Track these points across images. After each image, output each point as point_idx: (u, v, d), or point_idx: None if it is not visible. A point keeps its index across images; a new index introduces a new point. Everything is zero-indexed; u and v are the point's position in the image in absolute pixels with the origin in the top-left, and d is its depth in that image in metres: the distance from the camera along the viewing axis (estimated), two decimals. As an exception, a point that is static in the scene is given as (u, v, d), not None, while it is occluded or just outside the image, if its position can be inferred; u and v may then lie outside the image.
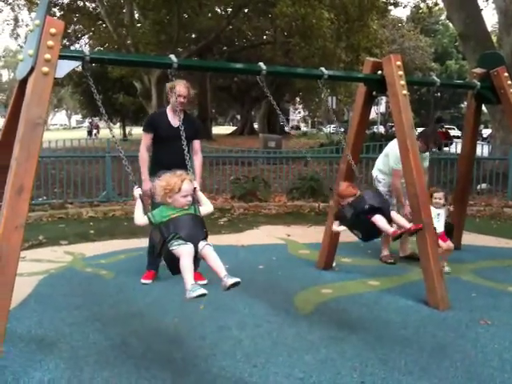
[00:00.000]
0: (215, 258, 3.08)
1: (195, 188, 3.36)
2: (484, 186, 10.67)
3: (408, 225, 3.95)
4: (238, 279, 3.00)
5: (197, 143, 5.04)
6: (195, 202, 3.32)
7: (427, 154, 5.99)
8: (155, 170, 4.67)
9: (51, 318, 4.11)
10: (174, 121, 4.84)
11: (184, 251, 3.00)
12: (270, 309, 4.40)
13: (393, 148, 5.57)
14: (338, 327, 4.02)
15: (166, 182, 3.19)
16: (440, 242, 5.18)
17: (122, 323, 4.05)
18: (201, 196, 3.43)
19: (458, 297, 4.66)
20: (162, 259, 4.67)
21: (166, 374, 3.24)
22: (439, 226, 5.22)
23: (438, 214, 5.25)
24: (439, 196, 5.37)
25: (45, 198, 9.16)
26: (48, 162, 9.68)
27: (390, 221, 3.95)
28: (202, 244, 3.09)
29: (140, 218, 3.25)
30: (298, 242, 6.96)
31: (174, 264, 3.07)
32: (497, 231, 7.82)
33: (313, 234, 7.14)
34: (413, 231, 4.05)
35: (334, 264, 5.66)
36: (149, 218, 3.20)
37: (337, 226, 4.12)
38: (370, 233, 4.02)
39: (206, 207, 3.39)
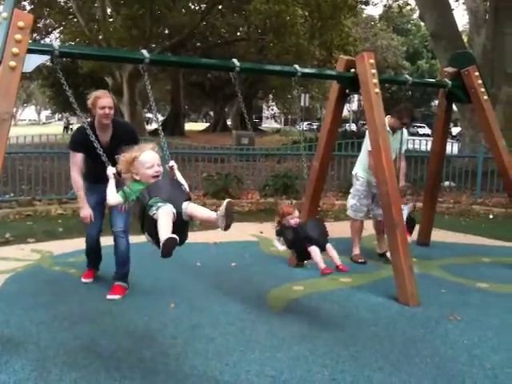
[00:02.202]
0: (202, 209, 2.97)
1: (172, 166, 3.32)
2: (447, 183, 10.83)
3: (338, 262, 4.03)
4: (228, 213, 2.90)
5: None
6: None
7: (405, 134, 5.97)
8: (89, 182, 4.60)
9: (18, 318, 4.01)
10: (103, 138, 4.40)
11: (162, 212, 2.84)
12: (243, 306, 4.38)
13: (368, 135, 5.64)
14: (310, 324, 4.03)
15: (124, 156, 3.10)
16: None
17: (91, 322, 3.97)
18: (178, 175, 3.34)
19: (427, 293, 4.71)
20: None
21: (136, 374, 3.19)
22: None
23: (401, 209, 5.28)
24: (405, 190, 5.45)
25: (12, 194, 8.95)
26: (16, 158, 9.48)
27: (324, 250, 4.06)
28: (185, 204, 2.94)
29: (113, 198, 3.13)
30: (271, 239, 6.94)
31: (154, 232, 2.90)
32: (465, 228, 7.95)
33: (285, 231, 7.13)
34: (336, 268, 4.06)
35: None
36: (122, 195, 3.07)
37: (279, 245, 4.20)
38: (304, 257, 4.18)
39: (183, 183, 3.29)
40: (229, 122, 46.00)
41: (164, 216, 2.83)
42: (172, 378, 3.16)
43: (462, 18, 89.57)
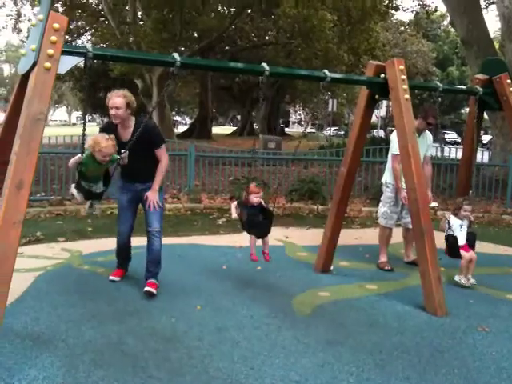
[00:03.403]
0: None
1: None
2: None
3: (266, 250, 4.88)
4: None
5: (158, 152, 4.65)
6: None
7: (430, 139, 5.92)
8: (122, 180, 4.86)
9: (48, 315, 4.09)
10: (124, 135, 4.55)
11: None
12: (268, 310, 4.38)
13: (393, 138, 5.59)
14: (335, 331, 4.01)
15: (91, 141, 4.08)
16: (463, 252, 5.15)
17: (119, 321, 4.03)
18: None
19: (455, 303, 4.65)
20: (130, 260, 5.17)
21: (162, 374, 3.22)
22: (461, 236, 5.18)
23: (461, 225, 5.20)
24: (469, 209, 5.26)
25: (43, 194, 9.12)
26: (47, 158, 9.64)
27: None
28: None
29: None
30: (296, 244, 6.95)
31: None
32: (495, 238, 7.80)
33: (311, 237, 7.12)
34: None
35: (331, 267, 5.65)
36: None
37: (234, 212, 4.72)
38: (245, 228, 4.76)
39: None
40: (256, 126, 46.07)
41: None
42: (198, 380, 3.18)
43: (493, 23, 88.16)
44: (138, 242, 5.24)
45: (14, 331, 3.73)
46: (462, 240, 5.18)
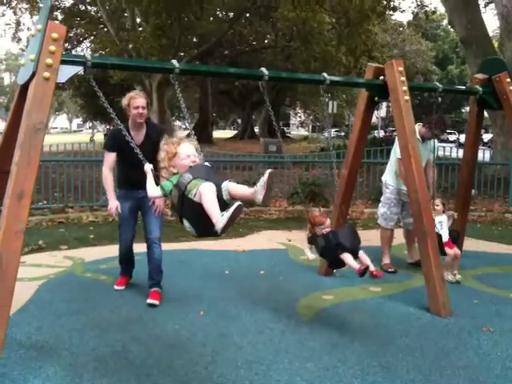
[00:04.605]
0: (242, 186, 2.95)
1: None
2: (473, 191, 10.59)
3: (372, 268, 3.90)
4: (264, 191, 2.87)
5: None
6: None
7: (435, 143, 5.94)
8: (123, 189, 4.82)
9: (51, 324, 4.08)
10: (137, 138, 4.54)
11: (205, 188, 2.82)
12: (271, 315, 4.37)
13: (397, 142, 5.58)
14: (340, 334, 4.00)
15: (164, 151, 3.21)
16: (447, 249, 5.14)
17: (122, 329, 4.02)
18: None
19: (459, 303, 4.63)
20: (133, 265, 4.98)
21: (167, 381, 3.21)
22: (444, 233, 5.18)
23: (440, 222, 5.20)
24: (436, 202, 5.29)
25: (45, 202, 9.12)
26: (48, 166, 9.66)
27: (357, 257, 3.98)
28: (225, 183, 2.93)
29: (153, 190, 3.23)
30: (299, 247, 6.93)
31: (199, 219, 2.89)
32: (498, 237, 7.79)
33: (314, 239, 7.10)
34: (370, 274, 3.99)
35: (334, 270, 5.63)
36: (162, 188, 3.16)
37: (310, 253, 4.17)
38: (337, 265, 4.11)
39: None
40: (256, 130, 46.09)
41: (207, 191, 2.80)
42: (202, 386, 3.18)
43: (492, 22, 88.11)
44: (138, 248, 5.23)
45: (18, 341, 3.73)
46: (445, 237, 5.17)
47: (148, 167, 3.31)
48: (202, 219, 2.86)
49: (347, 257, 3.90)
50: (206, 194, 2.83)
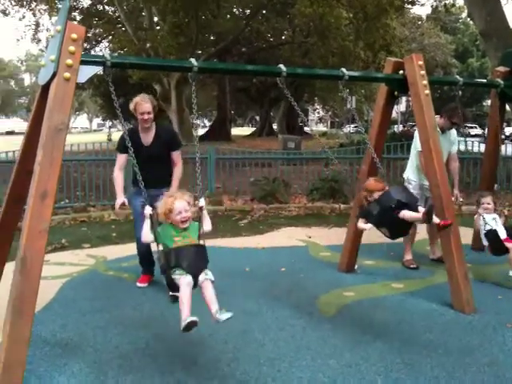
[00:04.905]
0: (211, 294, 3.18)
1: (201, 207, 3.42)
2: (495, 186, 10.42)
3: (437, 220, 3.81)
4: (229, 315, 3.12)
5: (175, 155, 4.93)
6: (200, 220, 3.42)
7: (454, 135, 5.85)
8: (136, 186, 4.84)
9: (75, 322, 4.14)
10: (145, 139, 4.82)
11: (183, 283, 3.12)
12: (292, 312, 4.37)
13: (416, 135, 5.54)
14: (362, 331, 3.98)
15: (161, 205, 3.36)
16: (508, 244, 4.90)
17: (145, 326, 4.05)
18: (204, 214, 3.45)
19: (483, 300, 4.57)
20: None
21: (190, 379, 3.23)
22: (500, 229, 4.96)
23: (494, 219, 5.02)
24: (487, 201, 5.08)
25: (67, 201, 9.25)
26: (70, 166, 9.77)
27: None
28: (202, 276, 3.20)
29: (147, 236, 3.37)
30: (319, 243, 6.92)
31: (174, 287, 3.21)
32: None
33: (334, 236, 7.08)
34: (441, 227, 3.91)
35: (356, 266, 5.61)
36: (155, 237, 3.33)
37: (363, 224, 3.93)
38: (397, 230, 3.88)
39: (205, 226, 3.45)
40: (274, 126, 46.03)
41: (184, 288, 3.11)
42: (225, 383, 3.18)
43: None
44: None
45: (43, 338, 3.79)
46: (502, 233, 4.95)
47: (148, 211, 3.38)
48: (177, 289, 3.19)
49: (406, 212, 3.68)
50: (182, 288, 3.11)
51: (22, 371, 2.99)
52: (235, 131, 46.42)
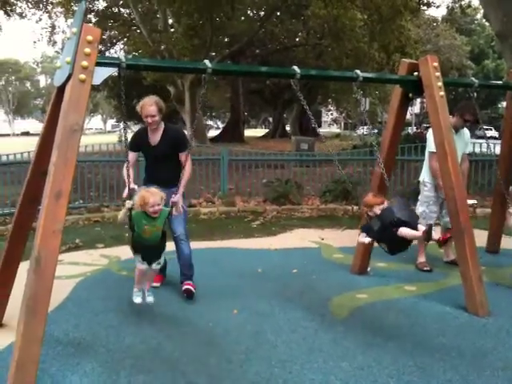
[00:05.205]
0: (151, 276, 4.29)
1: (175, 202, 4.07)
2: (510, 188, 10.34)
3: (436, 236, 3.79)
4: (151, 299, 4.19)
5: (183, 156, 4.83)
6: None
7: (468, 136, 5.81)
8: (146, 184, 4.97)
9: (88, 321, 4.17)
10: (153, 139, 4.86)
11: (138, 268, 4.01)
12: (305, 313, 4.36)
13: (429, 137, 5.49)
14: (374, 333, 3.96)
15: (139, 198, 3.85)
16: None
17: (157, 326, 4.07)
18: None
19: (497, 303, 4.52)
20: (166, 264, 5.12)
21: (202, 379, 3.24)
22: None
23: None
24: None
25: (81, 201, 9.31)
26: (84, 166, 9.84)
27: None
28: (153, 265, 4.01)
29: (122, 219, 3.86)
30: (332, 245, 6.90)
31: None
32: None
33: (347, 238, 7.05)
34: (442, 242, 3.90)
35: (368, 268, 5.58)
36: (129, 224, 3.82)
37: (363, 238, 3.96)
38: (396, 246, 3.85)
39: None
40: (287, 128, 46.01)
41: (139, 272, 4.09)
42: (236, 384, 3.19)
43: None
44: (170, 247, 5.27)
45: (56, 338, 3.82)
46: None
47: (128, 205, 3.78)
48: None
49: (404, 230, 3.66)
50: (137, 272, 4.10)
51: (35, 370, 3.01)
52: (248, 133, 46.44)
